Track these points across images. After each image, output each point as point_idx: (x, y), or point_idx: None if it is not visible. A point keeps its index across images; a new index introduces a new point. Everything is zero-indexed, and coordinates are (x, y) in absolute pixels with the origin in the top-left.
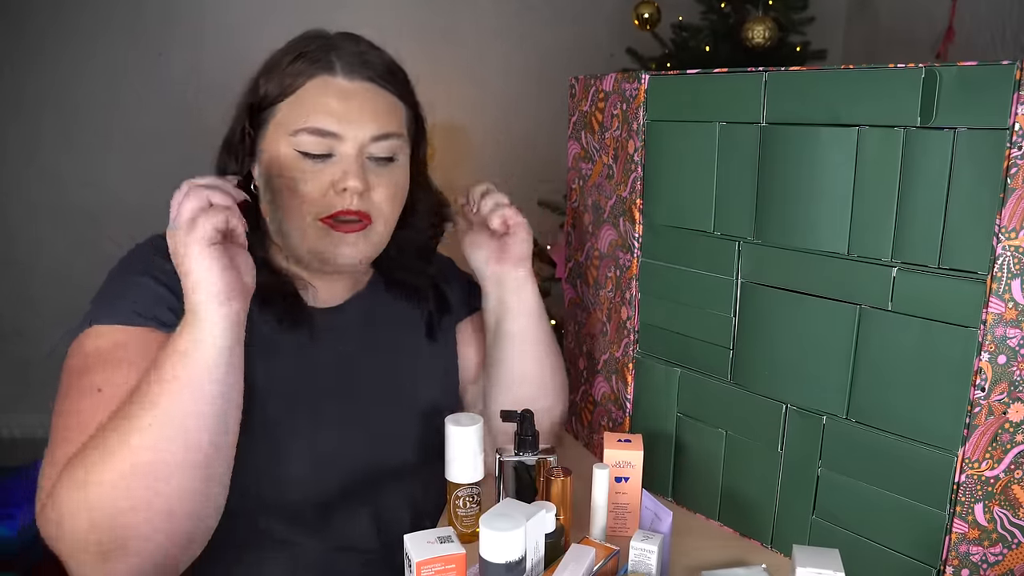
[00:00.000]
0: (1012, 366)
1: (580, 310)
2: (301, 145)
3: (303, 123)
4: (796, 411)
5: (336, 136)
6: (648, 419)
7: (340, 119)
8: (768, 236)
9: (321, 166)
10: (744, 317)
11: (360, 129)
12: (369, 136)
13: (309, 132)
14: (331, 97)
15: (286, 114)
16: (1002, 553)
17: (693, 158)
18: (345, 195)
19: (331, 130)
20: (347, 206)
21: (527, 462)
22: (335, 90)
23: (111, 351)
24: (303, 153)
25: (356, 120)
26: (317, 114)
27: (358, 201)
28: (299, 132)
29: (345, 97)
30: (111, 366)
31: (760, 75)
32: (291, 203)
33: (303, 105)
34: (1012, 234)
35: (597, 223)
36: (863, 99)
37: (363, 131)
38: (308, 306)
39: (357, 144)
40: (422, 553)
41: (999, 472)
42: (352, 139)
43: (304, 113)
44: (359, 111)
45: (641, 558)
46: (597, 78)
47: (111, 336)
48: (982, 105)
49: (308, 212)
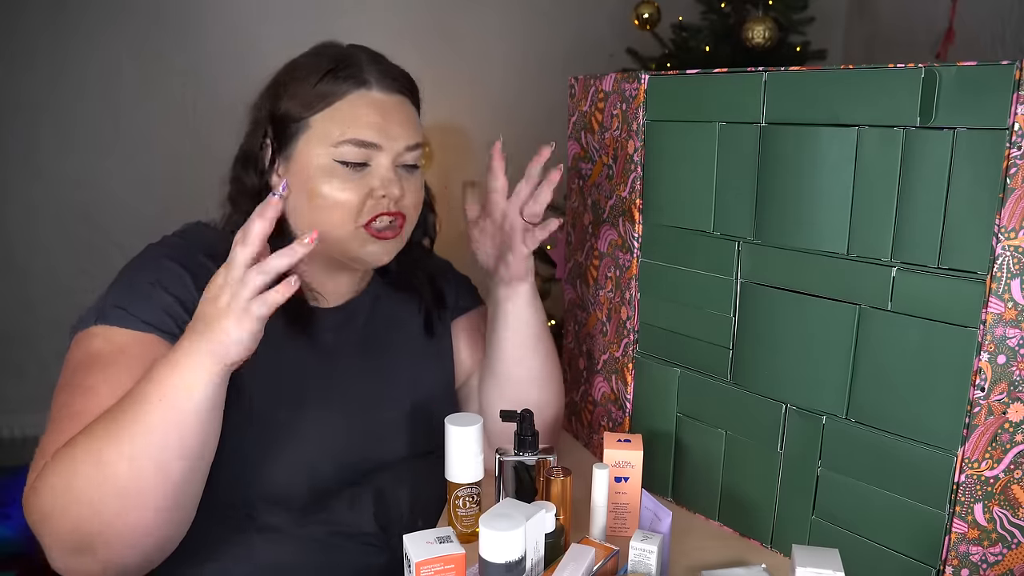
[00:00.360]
0: (1012, 366)
1: (580, 310)
2: (343, 156)
3: (345, 135)
4: (796, 411)
5: (376, 147)
6: (648, 419)
7: (379, 131)
8: (768, 236)
9: (359, 175)
10: (744, 317)
11: (396, 141)
12: (404, 146)
13: (352, 143)
14: (370, 110)
15: (323, 127)
16: (1002, 553)
17: (693, 158)
18: (383, 201)
19: (373, 141)
20: (386, 208)
21: (527, 462)
22: (374, 104)
23: (113, 354)
24: (343, 164)
25: (393, 132)
26: (358, 127)
27: (394, 206)
28: (341, 144)
29: (383, 111)
30: (111, 369)
31: (760, 75)
32: (333, 209)
33: (343, 118)
34: (1012, 234)
35: (597, 223)
36: (863, 99)
37: (399, 142)
38: (311, 305)
39: (393, 154)
40: (421, 553)
41: (999, 472)
42: (389, 150)
43: (344, 125)
44: (396, 124)
45: (641, 558)
46: (597, 78)
47: (114, 338)
48: (982, 105)
49: (350, 219)
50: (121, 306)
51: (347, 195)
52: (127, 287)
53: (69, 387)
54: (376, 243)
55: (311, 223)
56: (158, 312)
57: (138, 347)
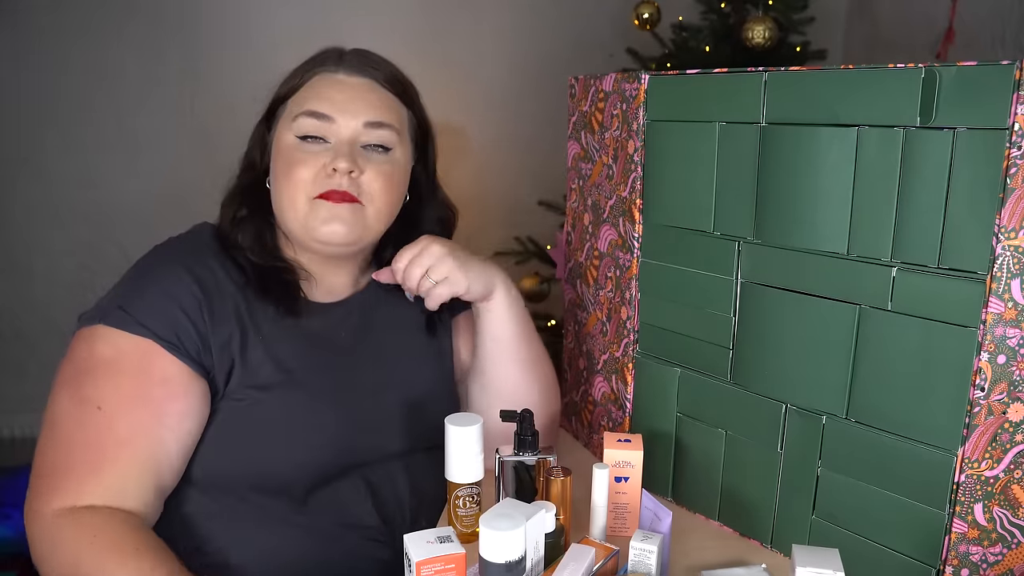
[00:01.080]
0: (1012, 366)
1: (580, 310)
2: (299, 129)
3: (301, 108)
4: (796, 411)
5: (330, 119)
6: (648, 419)
7: (334, 104)
8: (768, 236)
9: (316, 150)
10: (744, 317)
11: (353, 117)
12: (362, 122)
13: (306, 115)
14: (330, 87)
15: (290, 107)
16: (1002, 553)
17: (693, 158)
18: (335, 176)
19: (325, 112)
20: (337, 186)
21: (527, 462)
22: (334, 82)
23: (114, 359)
24: (302, 140)
25: (350, 108)
26: (314, 100)
27: (347, 182)
28: (298, 117)
29: (343, 88)
30: (112, 376)
31: (760, 75)
32: (288, 184)
33: (305, 95)
34: (1012, 234)
35: (597, 223)
36: (863, 99)
37: (356, 118)
38: (305, 296)
39: (350, 130)
40: (422, 553)
41: (999, 472)
42: (344, 125)
43: (303, 101)
44: (353, 100)
45: (641, 558)
46: (597, 78)
47: (117, 343)
48: (982, 105)
49: (302, 190)
50: (126, 309)
51: (300, 170)
52: (134, 290)
53: (71, 388)
54: (331, 217)
55: (277, 203)
56: (161, 320)
57: (137, 352)
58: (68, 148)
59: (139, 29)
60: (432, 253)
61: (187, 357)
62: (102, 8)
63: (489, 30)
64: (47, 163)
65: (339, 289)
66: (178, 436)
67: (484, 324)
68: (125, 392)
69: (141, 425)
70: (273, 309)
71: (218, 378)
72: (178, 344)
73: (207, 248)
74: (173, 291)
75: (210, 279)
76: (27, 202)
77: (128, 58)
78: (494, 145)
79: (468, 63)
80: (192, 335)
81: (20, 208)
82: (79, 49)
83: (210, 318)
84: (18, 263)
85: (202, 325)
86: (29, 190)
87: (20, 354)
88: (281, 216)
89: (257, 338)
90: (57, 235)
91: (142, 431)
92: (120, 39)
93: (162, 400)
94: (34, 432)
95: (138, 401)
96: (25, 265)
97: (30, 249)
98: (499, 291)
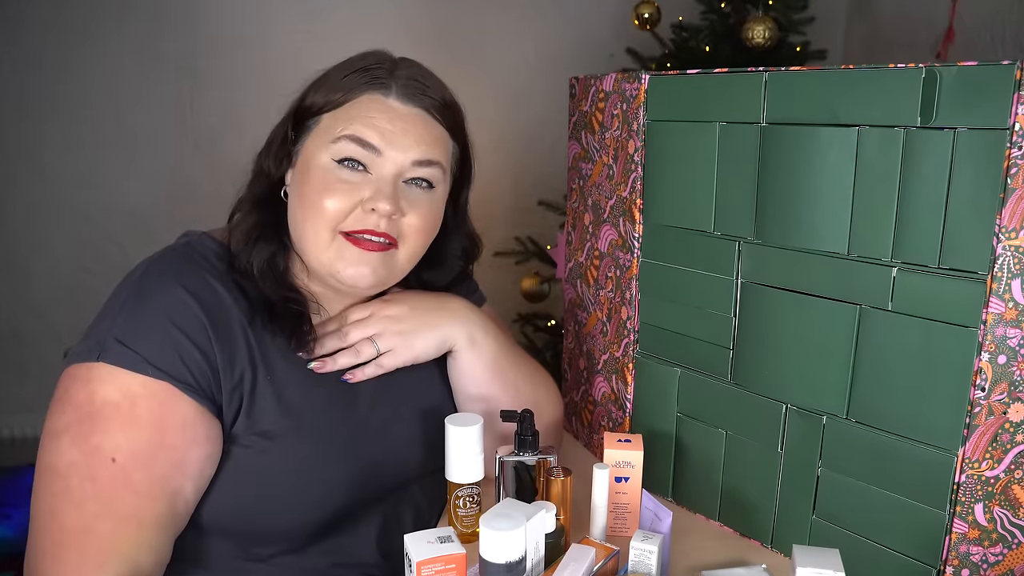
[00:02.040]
0: (1012, 366)
1: (580, 310)
2: (339, 152)
3: (345, 130)
4: (796, 411)
5: (376, 151)
6: (648, 419)
7: (384, 136)
8: (768, 236)
9: (355, 180)
10: (744, 317)
11: (403, 152)
12: (411, 160)
13: (349, 139)
14: (380, 114)
15: (330, 123)
16: (1002, 553)
17: (693, 158)
18: (373, 215)
19: (372, 143)
20: (374, 226)
21: (527, 462)
22: (386, 109)
23: (123, 404)
24: (339, 163)
25: (400, 143)
26: (361, 125)
27: (386, 224)
28: (339, 139)
29: (394, 119)
30: (124, 424)
31: (760, 75)
32: (315, 213)
33: (349, 114)
34: (1012, 234)
35: (597, 223)
36: (863, 99)
37: (405, 154)
38: (314, 328)
39: (396, 166)
40: (422, 553)
41: (999, 472)
42: (392, 160)
43: (348, 121)
44: (404, 134)
45: (641, 558)
46: (597, 78)
47: (123, 385)
48: (982, 105)
49: (331, 222)
50: (128, 344)
51: (333, 199)
52: (133, 319)
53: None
54: (358, 261)
55: (295, 226)
56: (171, 356)
57: (151, 397)
58: (68, 148)
59: (139, 28)
60: (379, 320)
61: (203, 396)
62: (102, 7)
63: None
64: (48, 162)
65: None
66: (197, 483)
67: (454, 370)
68: (141, 441)
69: (162, 476)
70: (281, 341)
71: (226, 416)
72: (193, 383)
73: (208, 265)
74: (178, 319)
75: (215, 303)
76: (28, 201)
77: (128, 57)
78: (495, 145)
79: (469, 63)
80: (204, 368)
81: (21, 207)
82: (79, 48)
83: (219, 348)
84: (19, 262)
85: (212, 356)
86: (29, 190)
87: (20, 354)
88: (299, 243)
89: (266, 378)
90: (58, 234)
91: (162, 483)
92: (120, 38)
93: (182, 447)
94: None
95: (157, 450)
96: (26, 265)
97: (31, 248)
98: (460, 345)
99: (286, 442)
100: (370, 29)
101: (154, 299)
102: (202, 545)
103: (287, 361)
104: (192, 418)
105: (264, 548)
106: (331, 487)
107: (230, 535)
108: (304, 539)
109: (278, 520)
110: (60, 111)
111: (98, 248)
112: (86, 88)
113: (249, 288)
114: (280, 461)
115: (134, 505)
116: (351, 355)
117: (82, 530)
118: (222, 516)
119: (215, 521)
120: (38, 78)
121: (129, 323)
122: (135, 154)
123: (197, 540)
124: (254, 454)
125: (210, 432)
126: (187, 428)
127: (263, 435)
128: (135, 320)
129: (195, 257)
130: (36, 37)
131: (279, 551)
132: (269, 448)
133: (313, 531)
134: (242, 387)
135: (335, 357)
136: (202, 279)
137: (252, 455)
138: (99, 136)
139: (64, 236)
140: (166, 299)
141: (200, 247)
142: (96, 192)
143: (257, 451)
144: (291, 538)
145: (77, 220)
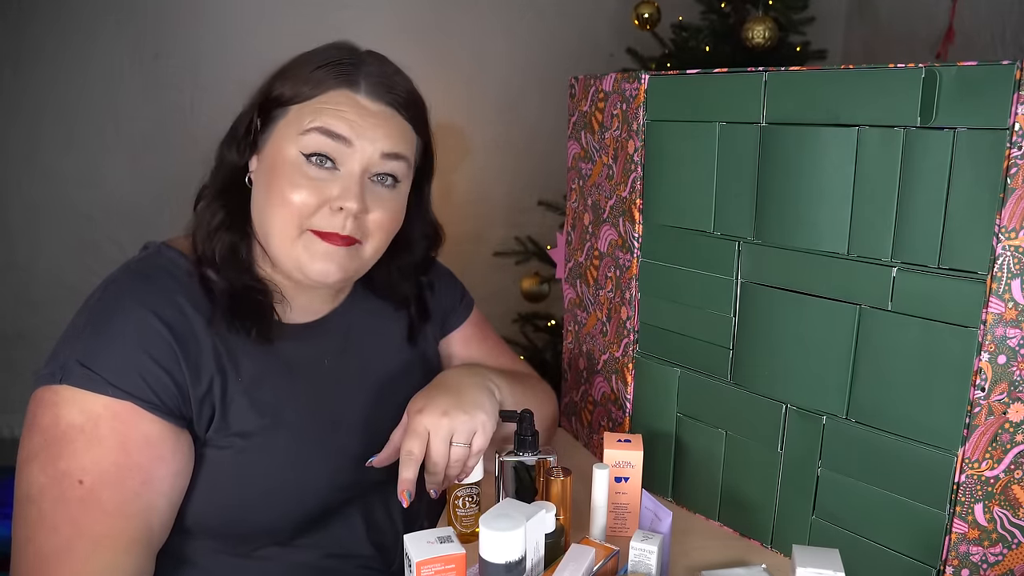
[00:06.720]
0: (1012, 366)
1: (580, 310)
2: (308, 145)
3: (314, 122)
4: (796, 411)
5: (346, 141)
6: (648, 419)
7: (353, 128)
8: (768, 236)
9: (323, 176)
10: (744, 317)
11: (371, 144)
12: (379, 152)
13: (319, 131)
14: (349, 108)
15: (298, 115)
16: (1002, 553)
17: (693, 158)
18: (340, 215)
19: (342, 134)
20: (339, 229)
21: (527, 462)
22: (355, 104)
23: (87, 426)
24: (308, 158)
25: (370, 135)
26: (331, 117)
27: (351, 225)
28: (309, 131)
29: (364, 114)
30: (88, 445)
31: (760, 75)
32: (281, 207)
33: (318, 108)
34: (1012, 234)
35: (597, 223)
36: (863, 99)
37: (373, 146)
38: (278, 320)
39: (364, 159)
40: (422, 553)
41: (999, 472)
42: (361, 152)
43: (317, 113)
44: (374, 127)
45: (641, 558)
46: (597, 78)
47: (86, 406)
48: (982, 105)
49: (297, 218)
50: (89, 366)
51: (301, 196)
52: (95, 342)
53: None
54: (325, 256)
55: (261, 218)
56: (132, 376)
57: (114, 418)
58: (68, 148)
59: (139, 28)
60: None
61: (167, 413)
62: (102, 8)
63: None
64: (49, 162)
65: (316, 307)
66: (170, 498)
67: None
68: (107, 461)
69: (132, 495)
70: (246, 335)
71: (198, 426)
72: (156, 401)
73: (171, 281)
74: (141, 340)
75: (181, 322)
76: (28, 201)
77: (128, 58)
78: (494, 145)
79: (469, 63)
80: (169, 387)
81: (22, 207)
82: (79, 49)
83: (187, 366)
84: (19, 262)
85: (179, 374)
86: (30, 189)
87: (20, 354)
88: (264, 236)
89: (237, 380)
90: (59, 234)
91: (132, 501)
92: (120, 39)
93: (148, 465)
94: None
95: (123, 470)
96: (26, 264)
97: (31, 248)
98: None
99: (263, 440)
100: (370, 29)
101: (114, 319)
102: (188, 544)
103: (255, 361)
104: (156, 436)
105: (250, 545)
106: (312, 481)
107: (216, 534)
108: (290, 534)
109: (261, 517)
110: (60, 111)
111: (98, 248)
112: (86, 88)
113: (213, 284)
114: (259, 459)
115: (107, 525)
116: (456, 467)
117: (58, 554)
118: (206, 517)
119: (198, 524)
120: (38, 78)
121: (90, 345)
122: (136, 154)
123: (183, 541)
124: (232, 454)
125: (177, 448)
126: (152, 446)
127: (240, 435)
128: (96, 341)
129: (154, 271)
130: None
131: (265, 546)
132: (247, 447)
133: (298, 526)
134: (212, 395)
135: (451, 477)
136: (161, 293)
137: (230, 456)
138: (99, 136)
139: (64, 236)
140: (126, 319)
141: (159, 259)
142: (96, 192)
143: (235, 451)
144: (277, 534)
145: (77, 220)
